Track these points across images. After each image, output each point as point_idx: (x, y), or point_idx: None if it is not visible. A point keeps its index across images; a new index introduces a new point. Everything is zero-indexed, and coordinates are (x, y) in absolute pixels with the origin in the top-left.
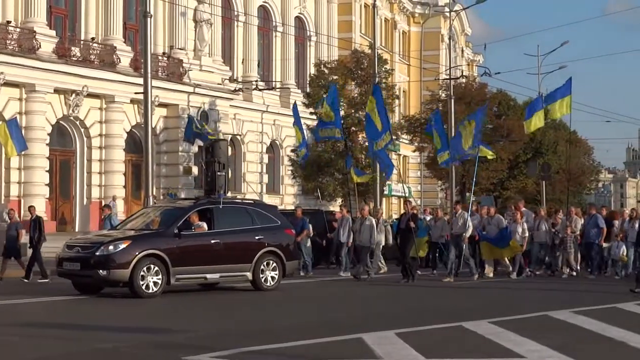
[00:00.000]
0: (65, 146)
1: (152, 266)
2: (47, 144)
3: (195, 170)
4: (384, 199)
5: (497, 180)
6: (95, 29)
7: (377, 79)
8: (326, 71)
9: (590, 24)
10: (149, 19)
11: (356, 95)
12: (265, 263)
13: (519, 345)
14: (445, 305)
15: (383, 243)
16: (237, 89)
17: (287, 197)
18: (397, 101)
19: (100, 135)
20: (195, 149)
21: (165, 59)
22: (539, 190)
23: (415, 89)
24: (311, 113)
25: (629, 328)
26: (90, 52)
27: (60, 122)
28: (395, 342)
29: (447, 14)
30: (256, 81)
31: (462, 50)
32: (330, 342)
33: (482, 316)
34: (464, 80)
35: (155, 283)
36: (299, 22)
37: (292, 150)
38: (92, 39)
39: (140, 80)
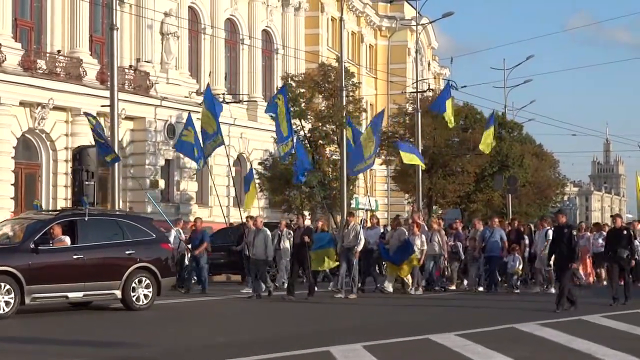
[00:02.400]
0: (30, 159)
1: (2, 284)
2: (12, 157)
3: (162, 183)
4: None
5: (464, 193)
6: (61, 41)
7: (344, 92)
8: (293, 84)
9: (553, 39)
10: (115, 31)
11: (323, 108)
12: (137, 280)
13: (487, 357)
14: (405, 319)
15: (287, 256)
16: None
17: (255, 211)
18: (364, 114)
19: (67, 148)
20: (162, 162)
21: (131, 71)
22: (505, 203)
23: (382, 102)
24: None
25: (594, 340)
26: (56, 64)
27: (26, 135)
28: (364, 355)
29: (414, 28)
30: (223, 94)
31: (429, 64)
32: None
33: (449, 329)
34: (430, 93)
35: (6, 303)
36: (266, 35)
37: (260, 163)
38: (58, 51)
39: (107, 93)
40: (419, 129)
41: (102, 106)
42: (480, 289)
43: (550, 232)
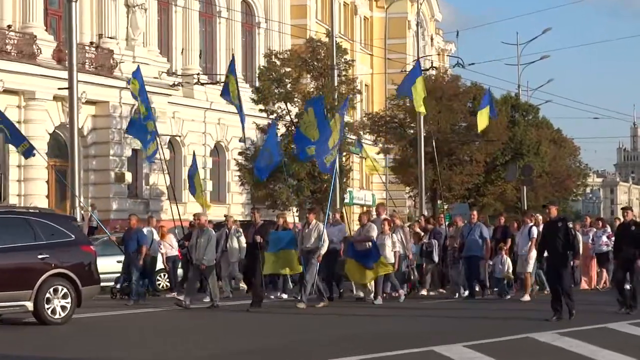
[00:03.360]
0: None
1: None
2: None
3: (129, 177)
4: (344, 208)
5: (473, 185)
6: (12, 15)
7: (336, 71)
8: (278, 62)
9: (573, 9)
10: (74, 3)
11: (312, 89)
12: (52, 289)
13: None
14: (400, 329)
15: (235, 259)
16: (175, 83)
17: (235, 207)
18: (358, 96)
19: None
20: (129, 152)
21: (93, 49)
22: (519, 197)
23: (379, 82)
24: (261, 110)
25: (621, 351)
26: (7, 42)
27: None
28: None
29: None
30: (198, 74)
31: (432, 39)
32: None
33: (455, 339)
34: (434, 72)
35: None
36: (246, 6)
37: (240, 153)
38: (9, 26)
39: (65, 74)
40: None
41: (59, 89)
42: (466, 293)
43: (535, 230)
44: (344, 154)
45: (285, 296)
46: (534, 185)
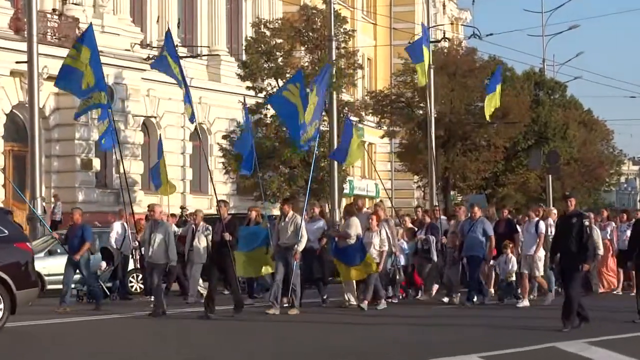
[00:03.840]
0: None
1: None
2: None
3: (97, 163)
4: (343, 199)
5: (490, 174)
6: None
7: (334, 43)
8: (267, 33)
9: None
10: None
11: (307, 64)
12: None
13: None
14: (405, 339)
15: (201, 260)
16: (150, 56)
17: (218, 199)
18: (360, 72)
19: None
20: (96, 135)
21: (55, 17)
22: (544, 187)
23: (383, 56)
24: (248, 88)
25: None
26: None
27: None
28: None
29: None
30: (176, 47)
31: (444, 6)
32: None
33: (469, 349)
34: (446, 44)
35: None
36: None
37: (225, 137)
38: None
39: (24, 46)
40: (432, 90)
41: (17, 63)
42: (468, 303)
43: (543, 225)
44: None
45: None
46: (561, 174)
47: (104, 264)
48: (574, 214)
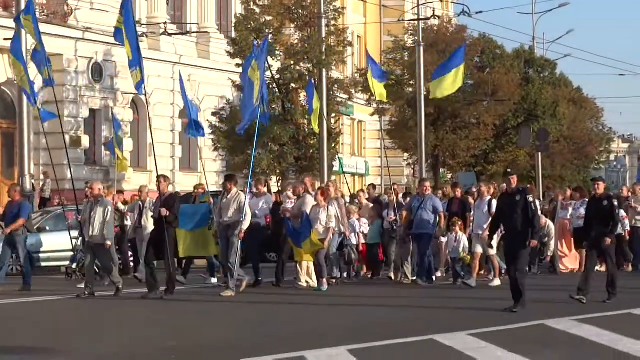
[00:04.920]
0: None
1: None
2: None
3: (86, 141)
4: (333, 177)
5: (480, 151)
6: None
7: (323, 21)
8: (257, 10)
9: None
10: None
11: (296, 41)
12: None
13: None
14: (393, 317)
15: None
16: (140, 33)
17: (208, 176)
18: (349, 50)
19: None
20: (86, 112)
21: None
22: (533, 165)
23: (373, 33)
24: (238, 65)
25: None
26: None
27: None
28: None
29: None
30: (165, 24)
31: None
32: None
33: (457, 327)
34: (436, 21)
35: None
36: None
37: (214, 114)
38: None
39: (11, 23)
40: (422, 68)
41: (5, 40)
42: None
43: (495, 203)
44: (333, 115)
45: (214, 280)
46: (551, 152)
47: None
48: (516, 191)
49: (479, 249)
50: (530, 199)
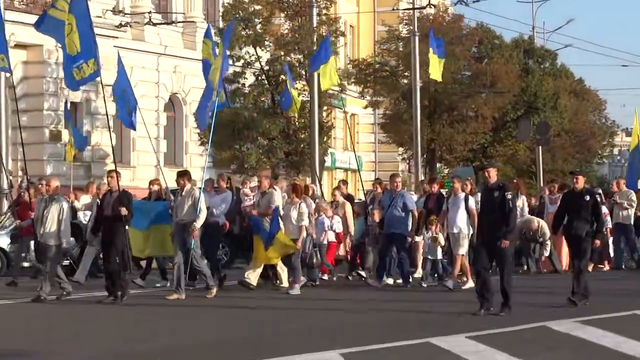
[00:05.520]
0: None
1: None
2: None
3: (66, 135)
4: (325, 173)
5: (478, 145)
6: None
7: (315, 9)
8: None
9: None
10: None
11: (286, 31)
12: None
13: None
14: (388, 318)
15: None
16: (123, 23)
17: (194, 171)
18: (342, 40)
19: None
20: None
21: None
22: (533, 159)
23: (366, 23)
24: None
25: None
26: None
27: None
28: None
29: None
30: (149, 13)
31: None
32: None
33: (455, 329)
34: (432, 10)
35: None
36: None
37: None
38: None
39: None
40: (417, 58)
41: None
42: (389, 281)
43: (472, 201)
44: (325, 108)
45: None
46: (551, 146)
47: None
48: (495, 187)
49: (457, 249)
50: (509, 196)
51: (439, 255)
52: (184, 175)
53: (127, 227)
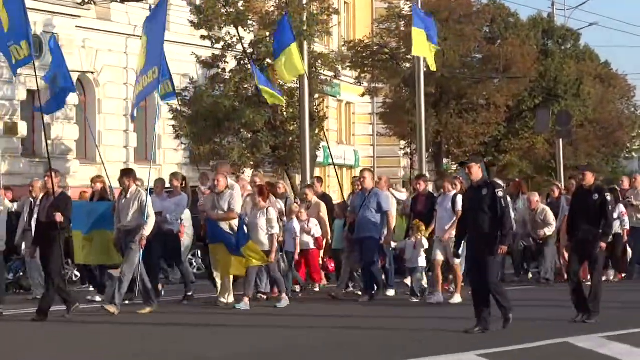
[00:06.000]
0: None
1: None
2: None
3: (23, 128)
4: (316, 169)
5: (490, 138)
6: None
7: None
8: None
9: None
10: None
11: (272, 9)
12: None
13: None
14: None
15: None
16: (86, 0)
17: (168, 168)
18: (335, 18)
19: None
20: (23, 94)
21: None
22: (553, 154)
23: (364, 0)
24: (203, 37)
25: None
26: None
27: None
28: None
29: None
30: None
31: None
32: None
33: (467, 346)
34: None
35: None
36: None
37: (177, 94)
38: None
39: None
40: None
41: None
42: (390, 293)
43: (460, 199)
44: (317, 96)
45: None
46: (573, 139)
47: None
48: (482, 184)
49: (439, 256)
50: (500, 194)
51: (422, 263)
52: (128, 174)
53: (65, 234)
